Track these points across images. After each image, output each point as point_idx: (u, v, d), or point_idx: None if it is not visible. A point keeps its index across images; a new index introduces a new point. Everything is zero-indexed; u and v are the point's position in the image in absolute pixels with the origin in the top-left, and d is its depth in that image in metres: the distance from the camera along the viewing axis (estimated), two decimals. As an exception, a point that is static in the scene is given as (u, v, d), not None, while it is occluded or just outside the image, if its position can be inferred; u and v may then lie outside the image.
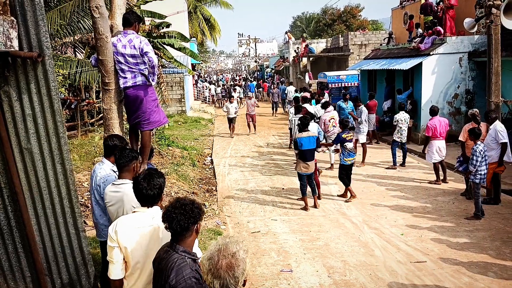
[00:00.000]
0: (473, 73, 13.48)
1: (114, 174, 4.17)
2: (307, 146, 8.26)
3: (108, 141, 4.37)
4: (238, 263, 2.11)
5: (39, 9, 3.38)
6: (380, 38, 24.68)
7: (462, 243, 6.66)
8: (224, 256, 2.11)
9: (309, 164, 8.35)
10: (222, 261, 2.10)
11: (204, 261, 2.13)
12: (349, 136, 8.93)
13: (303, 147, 8.25)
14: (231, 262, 2.11)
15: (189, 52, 13.74)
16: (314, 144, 8.33)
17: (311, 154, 8.37)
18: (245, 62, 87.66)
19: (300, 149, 8.27)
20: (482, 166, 7.48)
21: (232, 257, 2.11)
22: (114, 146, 4.27)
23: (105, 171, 4.29)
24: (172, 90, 22.27)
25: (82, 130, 14.02)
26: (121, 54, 4.74)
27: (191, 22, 30.96)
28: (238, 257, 2.11)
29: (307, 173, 8.39)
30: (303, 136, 8.30)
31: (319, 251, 6.68)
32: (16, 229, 4.09)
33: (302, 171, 8.39)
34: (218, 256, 2.11)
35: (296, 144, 8.39)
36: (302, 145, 8.24)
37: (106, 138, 4.47)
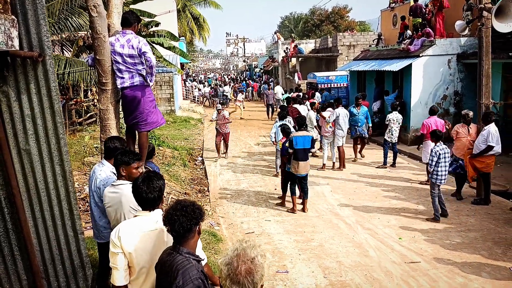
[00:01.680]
0: (461, 74, 13.67)
1: (114, 177, 4.12)
2: (302, 146, 8.20)
3: (108, 143, 4.31)
4: (257, 269, 2.10)
5: (40, 8, 3.32)
6: (369, 39, 24.88)
7: (455, 243, 6.74)
8: (243, 262, 2.09)
9: (302, 164, 8.26)
10: (241, 267, 2.08)
11: (222, 267, 2.11)
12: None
13: (298, 146, 8.18)
14: (250, 267, 2.09)
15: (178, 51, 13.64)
16: (309, 144, 8.29)
17: (305, 154, 8.32)
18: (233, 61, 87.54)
19: (295, 148, 8.18)
20: (439, 167, 7.58)
21: (251, 262, 2.09)
22: (115, 148, 4.21)
23: (105, 173, 4.23)
24: (161, 90, 22.14)
25: (70, 130, 13.84)
26: (119, 54, 4.69)
27: (180, 21, 30.79)
28: (256, 263, 2.10)
29: (301, 174, 8.32)
30: (298, 135, 8.26)
31: (314, 251, 6.70)
32: (13, 231, 4.02)
33: (297, 172, 8.28)
34: (237, 261, 2.09)
35: (291, 143, 8.24)
36: (297, 144, 8.17)
37: (107, 140, 4.40)
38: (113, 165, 4.16)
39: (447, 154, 7.61)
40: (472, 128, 8.59)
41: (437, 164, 7.53)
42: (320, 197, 9.33)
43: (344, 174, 11.10)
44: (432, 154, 7.57)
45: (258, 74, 45.80)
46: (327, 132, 11.59)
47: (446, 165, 7.59)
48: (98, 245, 4.53)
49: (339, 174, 11.16)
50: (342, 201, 9.03)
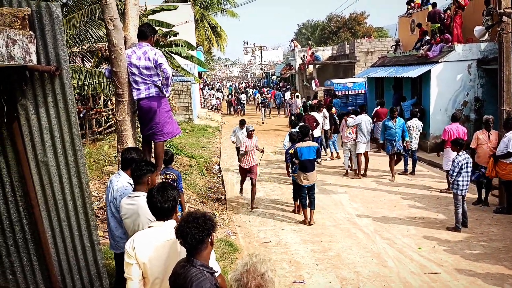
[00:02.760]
0: (482, 80, 13.41)
1: (130, 187, 4.15)
2: (307, 156, 8.05)
3: (125, 154, 4.36)
4: (267, 284, 2.08)
5: (57, 23, 3.40)
6: (387, 46, 24.69)
7: (477, 253, 6.57)
8: (253, 278, 2.08)
9: (309, 175, 8.10)
10: (252, 283, 2.07)
11: (232, 282, 2.09)
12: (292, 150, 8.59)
13: (303, 157, 8.04)
14: (260, 283, 2.07)
15: (196, 60, 13.79)
16: (314, 154, 8.12)
17: (312, 165, 8.17)
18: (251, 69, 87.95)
19: (300, 159, 8.05)
20: (461, 177, 7.40)
21: (261, 278, 2.07)
22: (132, 159, 4.25)
23: (121, 183, 4.27)
24: (179, 99, 22.36)
25: (90, 139, 14.07)
26: (135, 65, 4.76)
27: (197, 30, 31.13)
28: (267, 278, 2.08)
29: (307, 184, 8.16)
30: (303, 146, 8.12)
31: (331, 261, 6.62)
32: (31, 242, 4.09)
33: (302, 182, 8.13)
34: (247, 277, 2.07)
35: (296, 154, 8.11)
36: (302, 155, 8.03)
37: (124, 151, 4.46)
38: (129, 176, 4.21)
39: (470, 163, 7.45)
40: (493, 134, 8.40)
41: (459, 174, 7.37)
42: (338, 206, 9.24)
43: (362, 182, 10.98)
44: (454, 164, 7.40)
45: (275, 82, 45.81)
46: (347, 138, 11.51)
47: (468, 175, 7.43)
48: (115, 255, 4.57)
49: (357, 182, 11.04)
50: (360, 210, 8.92)
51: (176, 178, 6.66)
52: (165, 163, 6.78)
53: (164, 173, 6.73)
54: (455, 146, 7.59)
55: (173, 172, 6.79)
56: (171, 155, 6.95)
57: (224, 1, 34.58)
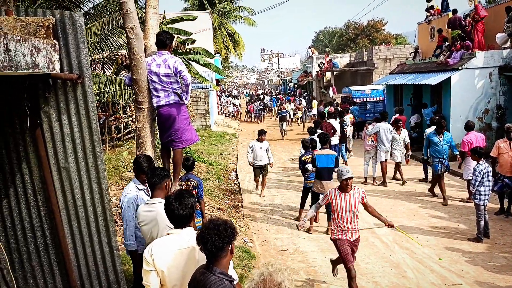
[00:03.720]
0: (504, 88, 13.16)
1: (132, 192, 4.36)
2: (325, 165, 7.95)
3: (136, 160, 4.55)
4: None
5: (80, 32, 3.47)
6: (405, 53, 24.47)
7: (499, 265, 6.41)
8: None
9: (325, 183, 7.97)
10: None
11: None
12: (309, 158, 8.54)
13: (320, 165, 7.95)
14: None
15: (214, 68, 13.90)
16: (332, 163, 7.98)
17: (329, 174, 8.04)
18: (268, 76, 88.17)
19: (318, 166, 7.97)
20: (483, 187, 7.24)
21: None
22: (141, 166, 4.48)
23: (128, 188, 4.46)
24: (197, 105, 22.53)
25: (109, 145, 14.28)
26: (155, 73, 4.81)
27: (215, 38, 31.40)
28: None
29: (323, 193, 8.09)
30: (321, 154, 8.03)
31: (349, 271, 6.53)
32: (52, 247, 4.15)
33: (318, 190, 8.00)
34: (263, 287, 2.05)
35: (314, 162, 8.02)
36: (320, 162, 7.94)
37: (135, 158, 4.61)
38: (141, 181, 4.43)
39: (490, 172, 7.29)
40: (515, 143, 8.22)
41: (481, 183, 7.22)
42: (356, 214, 9.12)
43: (381, 191, 10.84)
44: (476, 174, 7.25)
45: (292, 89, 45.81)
46: (368, 146, 11.44)
47: (489, 184, 7.27)
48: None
49: (376, 190, 10.91)
50: (378, 218, 8.78)
51: (197, 184, 6.70)
52: (187, 170, 6.85)
53: (185, 180, 6.79)
54: (475, 155, 7.45)
55: (194, 178, 6.83)
56: (192, 162, 7.01)
57: (242, 10, 34.85)
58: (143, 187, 4.50)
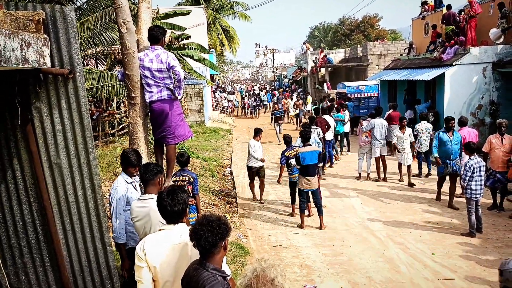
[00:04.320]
0: (497, 83, 13.22)
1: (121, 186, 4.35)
2: (310, 161, 8.00)
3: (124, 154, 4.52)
4: None
5: (71, 26, 3.43)
6: (400, 48, 24.46)
7: (492, 260, 6.45)
8: (263, 284, 2.05)
9: (311, 179, 8.04)
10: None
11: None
12: (292, 153, 8.62)
13: (305, 162, 7.99)
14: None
15: (208, 63, 13.83)
16: (316, 159, 8.06)
17: (314, 170, 8.11)
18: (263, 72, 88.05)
19: (302, 164, 8.01)
20: (474, 182, 7.28)
21: (271, 284, 2.05)
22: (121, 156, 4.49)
23: (116, 182, 4.44)
24: (191, 101, 22.46)
25: (103, 141, 14.20)
26: (148, 68, 4.78)
27: (210, 33, 31.26)
28: (277, 284, 2.06)
29: (309, 189, 8.10)
30: (305, 151, 8.07)
31: (343, 266, 6.56)
32: (44, 243, 4.13)
33: (304, 187, 8.08)
34: (256, 283, 2.05)
35: (298, 160, 8.09)
36: (305, 159, 7.98)
37: (122, 152, 4.58)
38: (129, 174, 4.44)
39: (482, 167, 7.33)
40: (506, 138, 8.26)
41: (471, 178, 7.26)
42: (350, 210, 9.16)
43: (374, 186, 10.88)
44: (466, 168, 7.30)
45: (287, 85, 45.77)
46: (363, 142, 11.46)
47: (481, 179, 7.31)
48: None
49: (369, 186, 10.95)
50: (372, 214, 8.83)
51: (192, 180, 6.70)
52: (181, 165, 6.86)
53: (180, 175, 6.79)
54: (467, 150, 7.49)
55: (189, 174, 6.83)
56: (187, 157, 7.02)
57: (236, 5, 34.70)
58: (131, 180, 4.50)
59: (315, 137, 10.37)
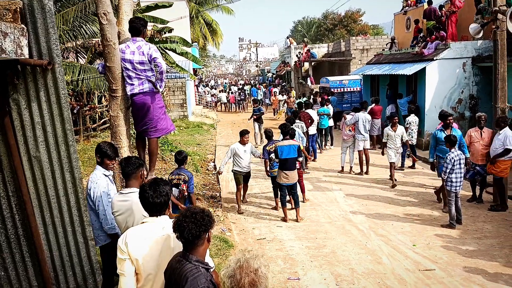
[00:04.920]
0: (477, 78, 13.45)
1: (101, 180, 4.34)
2: (287, 155, 8.02)
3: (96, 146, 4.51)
4: (261, 280, 2.06)
5: (49, 16, 3.35)
6: (382, 43, 24.68)
7: (471, 250, 6.59)
8: (247, 274, 2.05)
9: (289, 174, 8.06)
10: (245, 279, 2.04)
11: (225, 279, 2.07)
12: (273, 148, 8.59)
13: (283, 156, 8.01)
14: (254, 279, 2.05)
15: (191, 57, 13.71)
16: (295, 153, 8.07)
17: (292, 164, 8.12)
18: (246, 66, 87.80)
19: (280, 157, 8.03)
20: (454, 174, 7.41)
21: (254, 274, 2.05)
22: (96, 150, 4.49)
23: (94, 176, 4.40)
24: (174, 95, 22.26)
25: (84, 135, 13.99)
26: (129, 60, 4.72)
27: (192, 27, 30.98)
28: (260, 274, 2.06)
29: (287, 183, 8.12)
30: (283, 145, 8.09)
31: (326, 258, 6.62)
32: (24, 238, 4.05)
33: (282, 181, 8.09)
34: (240, 273, 2.05)
35: (276, 153, 8.10)
36: (282, 153, 8.00)
37: (97, 146, 4.54)
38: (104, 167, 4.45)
39: (462, 160, 7.46)
40: (485, 132, 8.42)
41: (452, 171, 7.38)
42: (333, 203, 9.24)
43: (357, 180, 10.99)
44: (447, 161, 7.42)
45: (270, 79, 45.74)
46: (346, 136, 11.53)
47: (461, 172, 7.44)
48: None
49: (352, 179, 11.05)
50: (355, 207, 8.92)
51: (187, 179, 6.70)
52: (178, 164, 6.88)
53: (176, 174, 6.78)
54: (448, 143, 7.61)
55: (185, 173, 6.81)
56: (184, 156, 6.97)
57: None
58: (108, 173, 4.48)
59: (299, 132, 10.39)
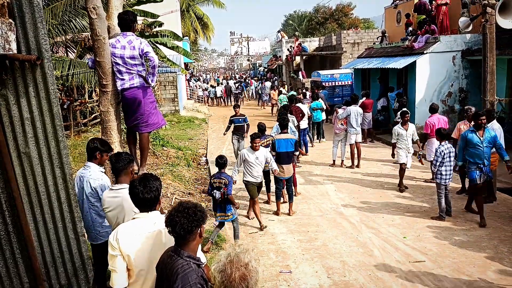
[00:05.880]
0: (466, 71, 13.56)
1: (105, 176, 4.34)
2: (285, 149, 8.06)
3: (90, 144, 4.44)
4: (252, 274, 2.07)
5: (37, 11, 3.32)
6: (373, 37, 24.72)
7: (460, 242, 6.68)
8: (237, 268, 2.07)
9: (285, 167, 8.11)
10: (235, 274, 2.06)
11: (215, 274, 2.08)
12: (265, 142, 8.58)
13: (280, 149, 8.05)
14: (244, 273, 2.06)
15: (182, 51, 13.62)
16: (292, 147, 8.12)
17: (289, 158, 8.17)
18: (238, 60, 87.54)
19: (277, 151, 8.07)
20: (444, 167, 7.48)
21: (245, 268, 2.06)
22: (95, 148, 4.40)
23: (96, 174, 4.34)
24: (165, 90, 22.14)
25: (75, 131, 13.89)
26: (119, 55, 4.69)
27: (183, 21, 30.80)
28: (251, 268, 2.07)
29: (284, 177, 8.16)
30: (281, 138, 8.13)
31: (318, 251, 6.67)
32: (14, 234, 4.02)
33: (279, 175, 8.10)
34: (230, 268, 2.06)
35: (273, 146, 8.13)
36: (280, 147, 8.04)
37: (89, 141, 4.49)
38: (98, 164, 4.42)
39: (452, 153, 7.53)
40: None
41: (442, 164, 7.45)
42: (324, 196, 9.29)
43: (348, 173, 11.05)
44: (437, 154, 7.48)
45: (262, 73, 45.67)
46: (338, 129, 11.56)
47: (451, 165, 7.51)
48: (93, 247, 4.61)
49: (343, 173, 11.11)
50: (346, 200, 8.98)
51: (227, 182, 6.68)
52: (219, 167, 6.88)
53: (218, 177, 6.75)
54: (438, 136, 7.68)
55: (226, 177, 6.78)
56: (225, 160, 6.93)
57: (211, -9, 34.23)
58: (103, 170, 4.48)
59: (291, 126, 10.41)
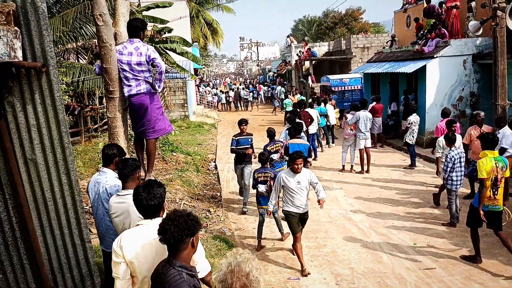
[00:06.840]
0: (477, 75, 13.40)
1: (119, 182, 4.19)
2: None
3: (107, 150, 4.40)
4: (253, 284, 2.04)
5: (43, 18, 3.33)
6: (383, 41, 24.60)
7: (472, 249, 6.55)
8: (238, 278, 2.03)
9: None
10: (236, 284, 2.02)
11: (216, 283, 2.05)
12: (275, 148, 8.56)
13: None
14: (245, 283, 2.03)
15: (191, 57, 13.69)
16: (305, 153, 8.00)
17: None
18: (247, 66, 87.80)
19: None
20: (455, 172, 7.37)
21: (246, 278, 2.03)
22: (114, 155, 4.36)
23: (112, 180, 4.28)
24: (175, 95, 22.25)
25: (85, 136, 13.99)
26: (126, 62, 4.71)
27: (193, 26, 30.98)
28: (252, 278, 2.04)
29: None
30: (294, 143, 8.10)
31: (326, 258, 6.61)
32: (21, 241, 4.04)
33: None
34: (231, 278, 2.02)
35: (286, 150, 8.07)
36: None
37: (105, 147, 4.49)
38: (113, 170, 4.33)
39: (463, 158, 7.42)
40: (485, 129, 8.37)
41: (452, 169, 7.34)
42: (333, 202, 9.21)
43: (357, 178, 10.96)
44: (447, 160, 7.37)
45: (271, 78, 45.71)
46: (347, 135, 11.49)
47: (461, 170, 7.40)
48: (105, 254, 4.57)
49: (353, 178, 11.02)
50: (355, 205, 8.90)
51: (273, 176, 7.09)
52: (262, 163, 7.53)
53: (262, 172, 7.35)
54: (447, 141, 7.57)
55: (270, 171, 7.40)
56: (268, 157, 7.70)
57: (219, -4, 34.47)
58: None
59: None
